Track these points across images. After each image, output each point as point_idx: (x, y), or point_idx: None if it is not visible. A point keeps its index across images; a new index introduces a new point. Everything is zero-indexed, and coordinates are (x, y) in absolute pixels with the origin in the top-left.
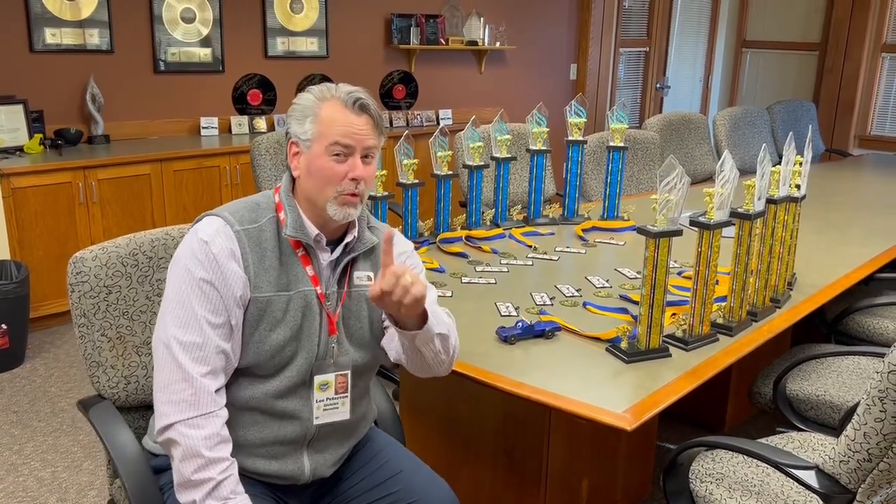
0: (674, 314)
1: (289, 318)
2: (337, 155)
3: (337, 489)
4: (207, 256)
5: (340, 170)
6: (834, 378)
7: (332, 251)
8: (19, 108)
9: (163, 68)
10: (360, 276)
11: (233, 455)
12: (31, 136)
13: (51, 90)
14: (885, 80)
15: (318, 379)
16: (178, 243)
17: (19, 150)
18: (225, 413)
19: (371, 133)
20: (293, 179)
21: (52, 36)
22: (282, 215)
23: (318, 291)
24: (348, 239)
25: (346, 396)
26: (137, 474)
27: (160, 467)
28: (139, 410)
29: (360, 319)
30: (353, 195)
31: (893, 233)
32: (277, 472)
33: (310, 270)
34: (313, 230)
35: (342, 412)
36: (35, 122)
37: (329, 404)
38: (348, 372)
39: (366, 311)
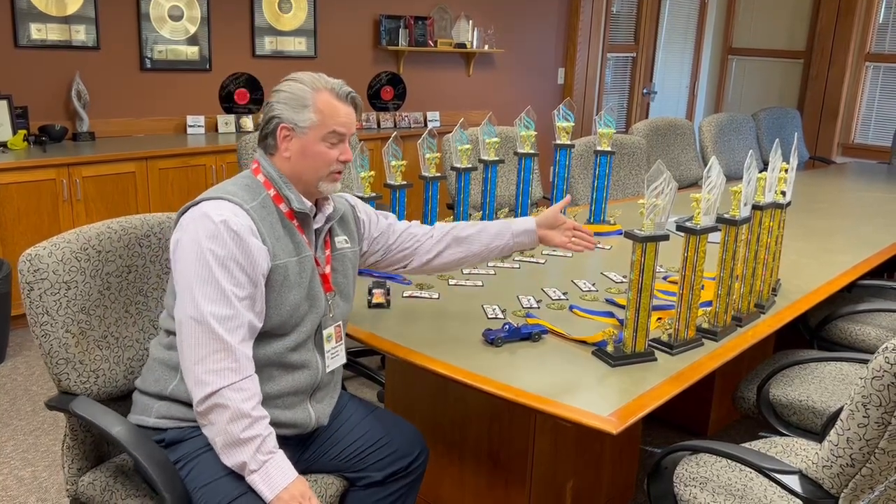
0: (660, 318)
1: (302, 279)
2: (332, 142)
3: (320, 440)
4: (229, 235)
5: (333, 154)
6: (817, 384)
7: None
8: (3, 103)
9: (149, 66)
10: (340, 240)
11: None
12: (14, 133)
13: (36, 86)
14: (869, 88)
15: (325, 332)
16: (122, 236)
17: (3, 146)
18: (256, 375)
19: (356, 122)
20: (271, 158)
21: (37, 31)
22: (271, 192)
23: (315, 256)
24: (329, 210)
25: (342, 343)
26: (151, 450)
27: (172, 440)
28: (107, 404)
29: (347, 276)
30: (340, 173)
31: (876, 240)
32: (291, 421)
33: (305, 238)
34: (307, 203)
35: (342, 357)
36: (19, 118)
37: (333, 353)
38: (341, 322)
39: (350, 270)
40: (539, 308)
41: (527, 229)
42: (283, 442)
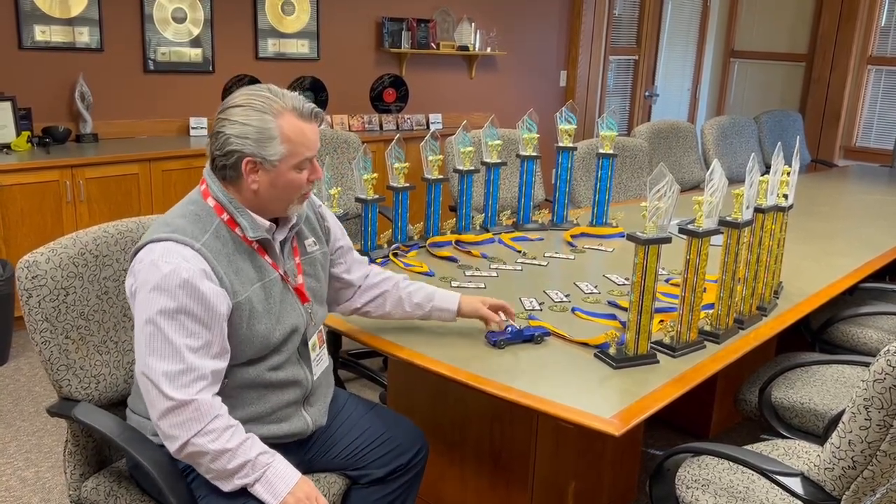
0: (662, 321)
1: (270, 305)
2: (304, 167)
3: (321, 440)
4: (180, 285)
5: (304, 178)
6: (818, 386)
7: (276, 232)
8: (7, 105)
9: (152, 68)
10: (309, 242)
11: (246, 429)
12: (18, 134)
13: (39, 88)
14: (871, 91)
15: (310, 342)
16: (118, 240)
17: (6, 147)
18: (225, 407)
19: (320, 134)
20: (228, 185)
21: (41, 33)
22: (224, 217)
23: (281, 273)
24: (293, 220)
25: (324, 346)
26: (158, 454)
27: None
28: (108, 408)
29: (319, 280)
30: (309, 192)
31: (878, 243)
32: (288, 433)
33: (268, 259)
34: (265, 223)
35: (325, 360)
36: (23, 119)
37: (318, 359)
38: (321, 326)
39: (321, 272)
40: (541, 310)
41: (448, 309)
42: (284, 447)
